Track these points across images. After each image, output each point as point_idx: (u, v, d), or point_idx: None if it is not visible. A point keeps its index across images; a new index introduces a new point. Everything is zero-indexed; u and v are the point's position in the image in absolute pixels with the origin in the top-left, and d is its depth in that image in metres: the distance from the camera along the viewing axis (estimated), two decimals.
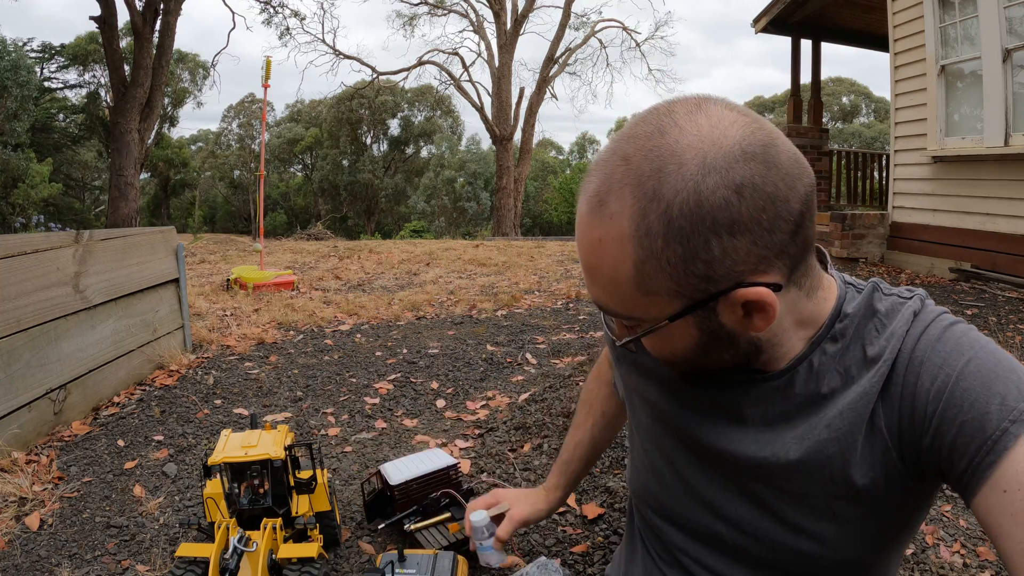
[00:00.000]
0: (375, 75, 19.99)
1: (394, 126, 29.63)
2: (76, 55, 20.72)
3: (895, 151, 6.34)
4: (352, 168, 28.69)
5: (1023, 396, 0.55)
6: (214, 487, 1.74)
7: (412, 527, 1.83)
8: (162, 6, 12.35)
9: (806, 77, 8.64)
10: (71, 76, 21.38)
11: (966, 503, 0.59)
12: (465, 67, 20.05)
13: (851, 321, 0.66)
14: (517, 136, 19.60)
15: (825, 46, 8.48)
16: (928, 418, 0.59)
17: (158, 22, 12.41)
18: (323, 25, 43.17)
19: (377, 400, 3.08)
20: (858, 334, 0.66)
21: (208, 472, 1.74)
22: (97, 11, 12.00)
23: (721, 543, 0.74)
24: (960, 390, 0.57)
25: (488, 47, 19.44)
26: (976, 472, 0.55)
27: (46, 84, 20.23)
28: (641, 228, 0.54)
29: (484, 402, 3.01)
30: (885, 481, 0.64)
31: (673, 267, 0.55)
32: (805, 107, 8.56)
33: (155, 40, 12.44)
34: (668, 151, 0.54)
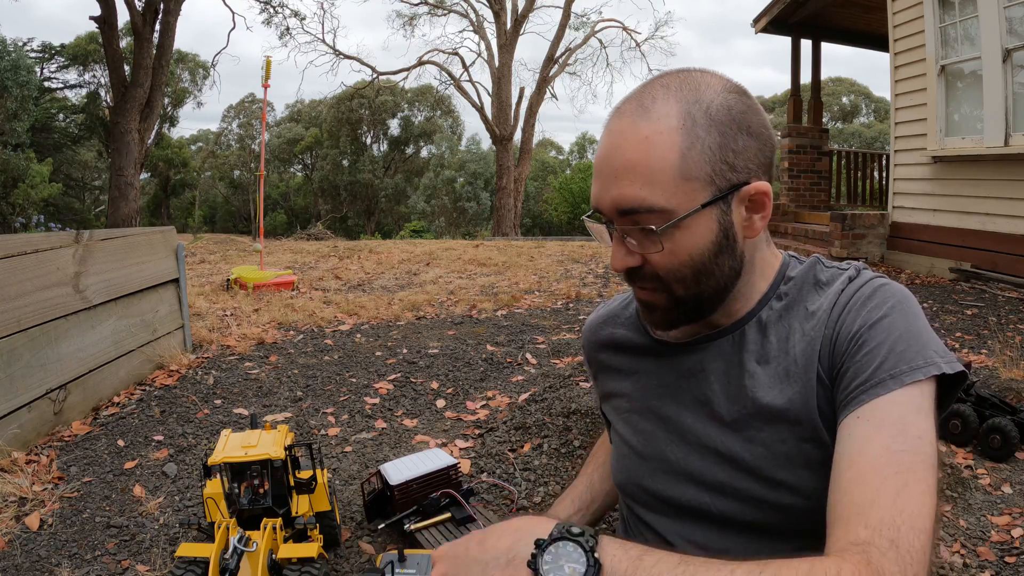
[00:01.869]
0: (375, 75, 19.98)
1: (394, 126, 29.60)
2: (76, 55, 20.71)
3: (895, 151, 6.34)
4: (352, 168, 28.66)
5: (911, 362, 0.65)
6: (214, 487, 1.74)
7: (412, 527, 1.83)
8: (162, 6, 12.34)
9: (806, 77, 8.64)
10: (71, 76, 21.36)
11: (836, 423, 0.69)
12: (465, 67, 20.06)
13: (794, 285, 0.77)
14: (517, 136, 19.59)
15: (825, 46, 8.49)
16: (843, 355, 0.69)
17: (158, 22, 12.40)
18: (323, 25, 43.14)
19: (377, 400, 3.08)
20: (801, 297, 0.76)
21: (208, 472, 1.74)
22: (97, 11, 12.00)
23: (708, 515, 0.78)
24: (870, 336, 0.68)
25: (488, 47, 19.45)
26: (851, 400, 0.66)
27: (46, 84, 20.21)
28: (688, 122, 0.67)
29: (484, 402, 3.01)
30: (825, 425, 0.71)
31: (712, 152, 0.68)
32: (805, 107, 8.56)
33: (155, 40, 12.44)
34: (698, 79, 0.71)
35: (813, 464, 0.71)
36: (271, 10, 18.01)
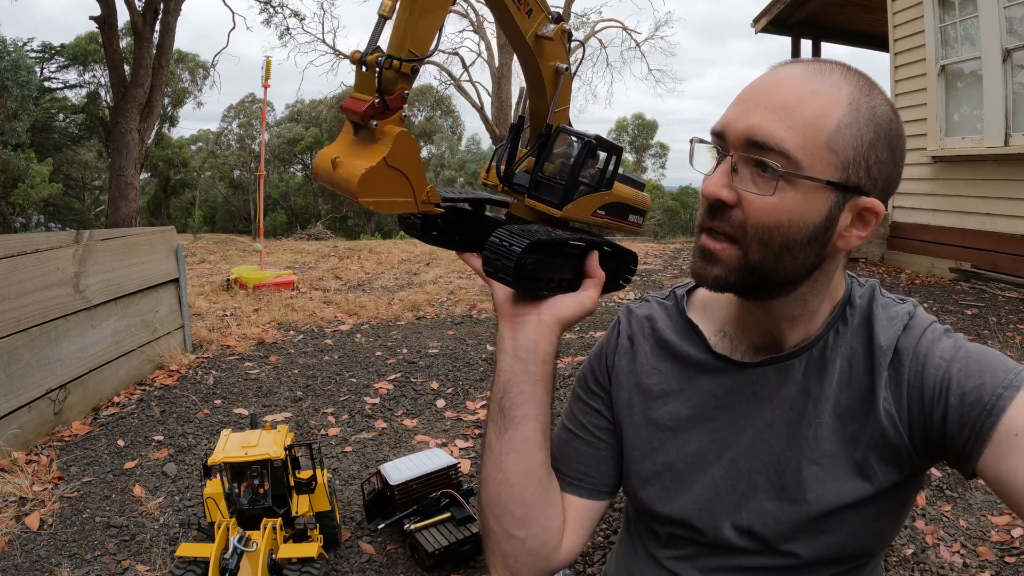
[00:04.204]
0: None
1: None
2: (76, 55, 20.69)
3: None
4: None
5: (1009, 370, 0.65)
6: (214, 487, 1.74)
7: (412, 527, 1.84)
8: (162, 6, 12.33)
9: None
10: (71, 76, 21.33)
11: (968, 470, 0.66)
12: (465, 67, 20.05)
13: (859, 311, 0.75)
14: None
15: (825, 46, 8.49)
16: (936, 397, 0.67)
17: (158, 22, 12.40)
18: (323, 25, 42.99)
19: (377, 400, 3.08)
20: (863, 326, 0.74)
21: (208, 472, 1.74)
22: (97, 11, 12.00)
23: (729, 548, 0.78)
24: (957, 370, 0.67)
25: (488, 47, 19.44)
26: (979, 434, 0.63)
27: (46, 84, 20.19)
28: (854, 104, 0.66)
29: (484, 402, 3.01)
30: (882, 463, 0.71)
31: (860, 143, 0.66)
32: None
33: (155, 40, 12.43)
34: (874, 84, 0.69)
35: (858, 504, 0.71)
36: (271, 10, 18.00)
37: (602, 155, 0.83)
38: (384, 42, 0.67)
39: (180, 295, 3.62)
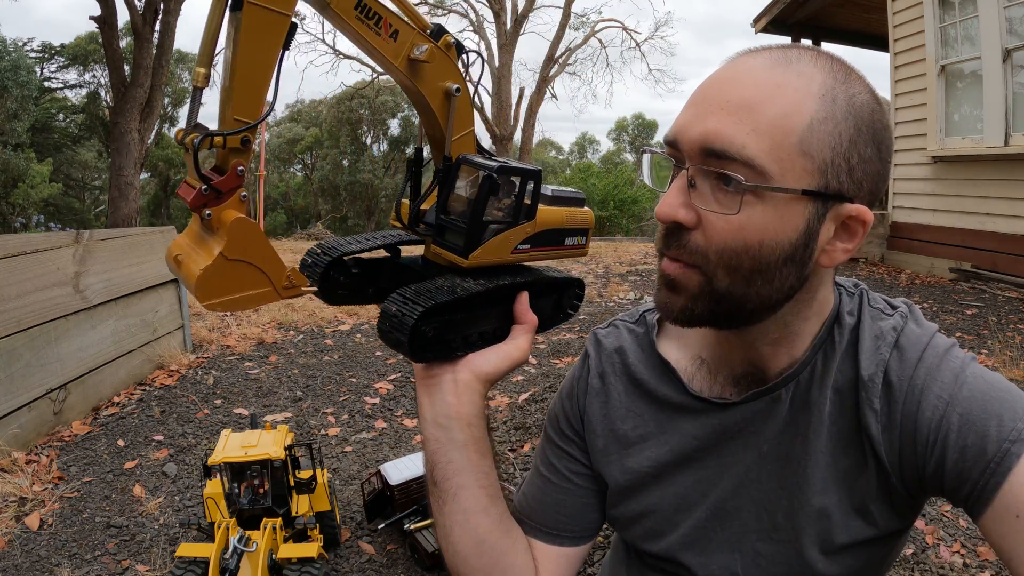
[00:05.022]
0: (375, 75, 19.98)
1: (394, 126, 29.57)
2: (76, 55, 20.71)
3: (895, 151, 6.34)
4: (352, 168, 28.65)
5: (1018, 416, 0.56)
6: (214, 487, 1.74)
7: (412, 527, 1.84)
8: (162, 6, 12.33)
9: None
10: (71, 76, 21.35)
11: (973, 520, 0.59)
12: (465, 67, 20.02)
13: (847, 330, 0.67)
14: (517, 136, 19.59)
15: (824, 46, 8.49)
16: (931, 446, 0.60)
17: (158, 22, 12.40)
18: (323, 25, 43.15)
19: (377, 400, 3.08)
20: (851, 349, 0.66)
21: (208, 472, 1.74)
22: (97, 11, 12.00)
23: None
24: (957, 415, 0.58)
25: (488, 47, 19.45)
26: (982, 494, 0.56)
27: (46, 84, 20.21)
28: (829, 95, 0.57)
29: None
30: (879, 504, 0.65)
31: (839, 141, 0.57)
32: None
33: (155, 40, 12.44)
34: (851, 68, 0.60)
35: (856, 545, 0.67)
36: None
37: (519, 181, 0.70)
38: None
39: (180, 295, 3.62)
